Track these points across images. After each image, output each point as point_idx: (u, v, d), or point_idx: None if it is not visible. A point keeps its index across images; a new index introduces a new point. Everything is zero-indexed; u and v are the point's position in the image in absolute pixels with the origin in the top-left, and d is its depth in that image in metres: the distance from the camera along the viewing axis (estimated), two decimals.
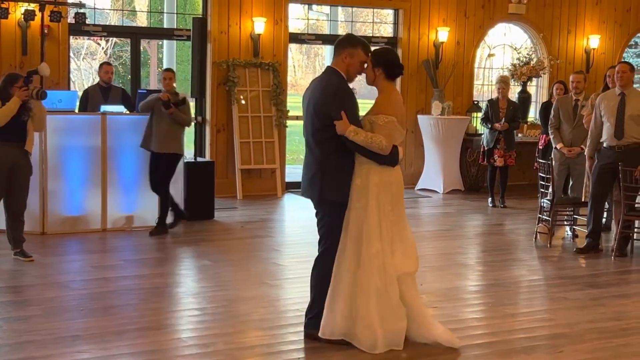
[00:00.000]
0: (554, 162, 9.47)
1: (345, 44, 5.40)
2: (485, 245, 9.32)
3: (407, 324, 5.36)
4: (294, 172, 14.67)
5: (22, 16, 10.48)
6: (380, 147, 5.16)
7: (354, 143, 5.18)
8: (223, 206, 10.88)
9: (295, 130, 20.74)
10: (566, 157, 9.65)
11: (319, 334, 5.42)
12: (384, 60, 5.33)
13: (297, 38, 13.11)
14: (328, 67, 5.51)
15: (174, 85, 9.14)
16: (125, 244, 8.68)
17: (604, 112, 8.54)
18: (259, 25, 11.99)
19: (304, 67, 32.27)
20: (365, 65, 5.39)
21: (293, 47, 25.01)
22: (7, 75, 7.73)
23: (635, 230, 8.69)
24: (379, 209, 5.26)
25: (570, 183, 9.82)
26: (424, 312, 5.55)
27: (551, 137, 9.88)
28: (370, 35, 13.66)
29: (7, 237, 7.81)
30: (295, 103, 16.50)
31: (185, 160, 10.12)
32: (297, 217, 10.78)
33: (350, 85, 5.46)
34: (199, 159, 10.70)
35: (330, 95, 5.28)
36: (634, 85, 8.90)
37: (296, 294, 6.83)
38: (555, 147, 9.78)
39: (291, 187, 12.77)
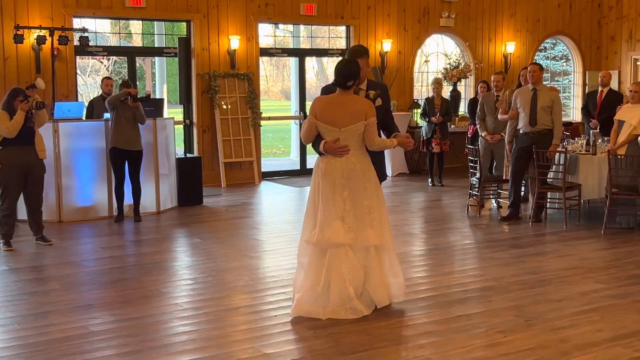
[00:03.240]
0: (480, 147, 9.56)
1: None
2: (427, 217, 9.37)
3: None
4: (268, 163, 14.64)
5: (35, 41, 10.31)
6: (302, 137, 5.24)
7: None
8: (210, 194, 10.82)
9: (269, 129, 20.66)
10: (490, 142, 9.74)
11: None
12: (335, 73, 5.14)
13: (267, 52, 13.02)
14: None
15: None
16: (128, 228, 8.61)
17: (520, 105, 8.62)
18: (234, 42, 11.91)
19: (274, 76, 32.08)
20: None
21: (264, 60, 24.84)
22: (11, 90, 7.53)
23: (548, 200, 8.79)
24: (311, 187, 5.25)
25: (494, 164, 9.92)
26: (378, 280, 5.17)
27: (478, 127, 9.96)
28: (327, 48, 13.66)
29: (29, 225, 7.71)
30: (267, 107, 16.46)
31: (177, 157, 10.06)
32: (273, 201, 10.76)
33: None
34: (189, 155, 10.62)
35: None
36: (544, 82, 9.00)
37: (273, 263, 6.84)
38: (481, 135, 9.86)
39: (267, 176, 12.72)
